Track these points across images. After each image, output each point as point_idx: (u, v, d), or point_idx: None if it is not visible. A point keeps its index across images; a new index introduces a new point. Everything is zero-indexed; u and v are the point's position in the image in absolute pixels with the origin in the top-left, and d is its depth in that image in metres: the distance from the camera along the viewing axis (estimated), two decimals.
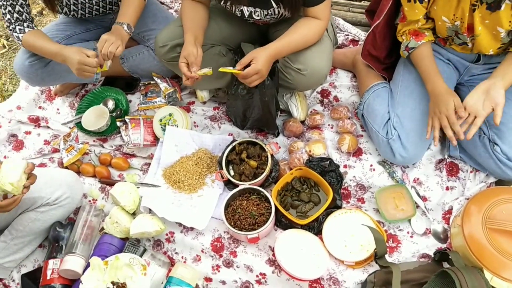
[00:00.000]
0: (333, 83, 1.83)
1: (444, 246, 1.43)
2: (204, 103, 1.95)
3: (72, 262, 1.54)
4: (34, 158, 1.94)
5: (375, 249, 1.36)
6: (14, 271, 1.66)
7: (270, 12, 1.54)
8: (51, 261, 1.58)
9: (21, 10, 1.69)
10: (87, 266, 1.53)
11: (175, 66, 1.70)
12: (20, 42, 1.71)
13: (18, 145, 2.01)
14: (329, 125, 1.76)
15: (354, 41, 1.96)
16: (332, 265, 1.45)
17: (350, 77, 1.84)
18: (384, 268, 1.34)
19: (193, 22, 1.56)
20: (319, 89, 1.83)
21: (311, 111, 1.79)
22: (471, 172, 1.54)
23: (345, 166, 1.64)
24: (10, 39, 2.99)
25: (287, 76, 1.57)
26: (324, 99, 1.82)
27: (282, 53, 1.50)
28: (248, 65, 1.44)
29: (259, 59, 1.43)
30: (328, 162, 1.58)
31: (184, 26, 1.58)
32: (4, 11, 1.68)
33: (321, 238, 1.48)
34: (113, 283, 1.47)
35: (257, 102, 1.63)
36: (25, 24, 1.71)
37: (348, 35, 1.98)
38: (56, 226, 1.65)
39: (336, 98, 1.81)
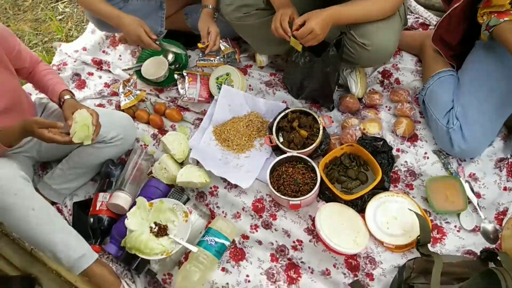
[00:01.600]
0: (396, 65, 1.79)
1: (492, 246, 1.39)
2: (261, 67, 1.95)
3: (120, 198, 1.61)
4: (94, 99, 2.02)
5: (419, 236, 1.35)
6: (67, 198, 1.76)
7: None
8: (101, 194, 1.67)
9: None
10: (133, 204, 1.61)
11: (239, 26, 1.72)
12: None
13: (81, 84, 2.09)
14: (386, 106, 1.73)
15: (424, 25, 1.89)
16: (371, 245, 1.45)
17: (415, 61, 1.79)
18: (425, 257, 1.32)
19: None
20: (380, 69, 1.80)
21: (370, 90, 1.76)
22: None
23: (397, 150, 1.61)
24: None
25: (350, 50, 1.55)
26: (385, 80, 1.78)
27: (341, 19, 1.47)
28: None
29: (313, 19, 1.41)
30: (381, 142, 1.56)
31: None
32: None
33: (363, 217, 1.48)
34: (155, 223, 1.54)
35: (317, 72, 1.62)
36: None
37: (418, 18, 1.92)
38: (108, 163, 1.73)
39: (397, 81, 1.77)
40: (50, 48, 2.82)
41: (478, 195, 1.48)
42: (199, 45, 1.77)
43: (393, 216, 1.45)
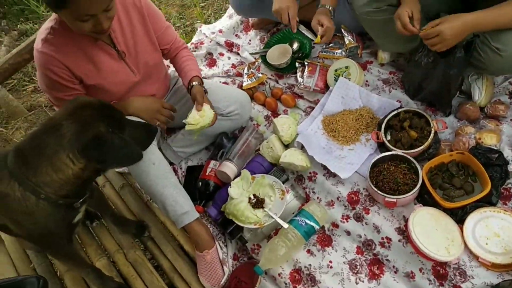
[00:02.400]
0: None
1: None
2: (382, 65, 1.95)
3: (227, 167, 1.78)
4: (221, 77, 2.24)
5: None
6: (183, 161, 2.00)
7: None
8: (212, 162, 1.86)
9: None
10: (238, 175, 1.76)
11: (367, 21, 1.74)
12: None
13: (211, 63, 2.33)
14: (511, 120, 1.60)
15: None
16: (464, 257, 1.38)
17: None
18: None
19: None
20: None
21: (495, 100, 1.64)
22: None
23: None
24: None
25: (481, 54, 1.46)
26: None
27: (484, 26, 1.38)
28: None
29: (447, 23, 1.37)
30: (497, 155, 1.46)
31: None
32: None
33: (461, 228, 1.41)
34: (254, 195, 1.67)
35: (439, 73, 1.57)
36: None
37: None
38: (222, 136, 1.92)
39: None
40: (189, 31, 3.16)
41: None
42: (316, 39, 1.85)
43: (495, 233, 1.36)
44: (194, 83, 1.74)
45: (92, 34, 1.43)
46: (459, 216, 1.44)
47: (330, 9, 1.85)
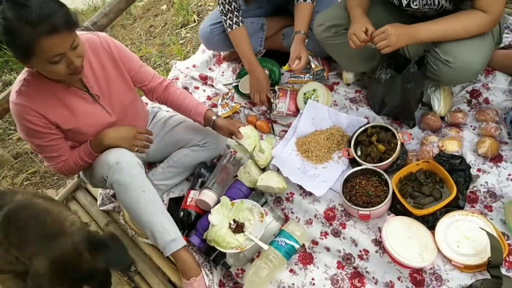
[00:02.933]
0: (487, 84, 1.72)
1: None
2: (348, 85, 2.03)
3: (207, 195, 1.82)
4: None
5: (490, 257, 1.29)
6: (165, 193, 2.04)
7: (429, 2, 1.52)
8: (192, 192, 1.90)
9: (235, 6, 2.01)
10: (218, 202, 1.80)
11: (328, 45, 1.84)
12: (228, 31, 2.04)
13: None
14: (471, 126, 1.67)
15: None
16: (439, 262, 1.42)
17: (509, 81, 1.70)
18: (495, 279, 1.26)
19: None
20: (469, 88, 1.75)
21: (455, 109, 1.73)
22: None
23: (478, 170, 1.55)
24: (200, 15, 3.53)
25: (433, 67, 1.55)
26: (473, 100, 1.73)
27: (421, 36, 1.50)
28: None
29: (392, 26, 1.49)
30: (459, 160, 1.53)
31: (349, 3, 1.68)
32: (218, 2, 2.01)
33: (433, 234, 1.46)
34: (234, 220, 1.71)
35: (398, 89, 1.65)
36: (234, 20, 2.00)
37: None
38: (201, 166, 1.97)
39: (486, 101, 1.70)
40: (170, 68, 3.26)
41: None
42: (285, 67, 1.95)
43: (465, 236, 1.41)
44: (214, 118, 1.81)
45: (68, 77, 1.48)
46: (430, 222, 1.49)
47: (303, 34, 1.94)
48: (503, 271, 1.34)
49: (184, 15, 3.60)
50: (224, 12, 1.99)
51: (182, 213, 1.86)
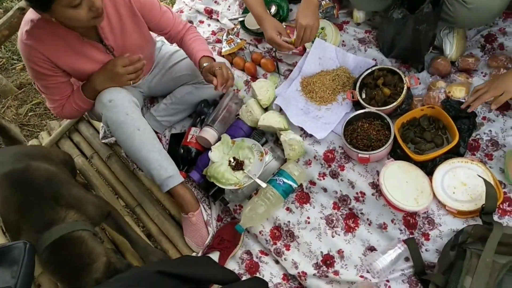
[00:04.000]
0: (504, 29, 1.63)
1: None
2: (358, 24, 1.95)
3: (208, 133, 1.82)
4: None
5: (484, 203, 1.30)
6: (167, 129, 2.04)
7: None
8: (193, 128, 1.90)
9: None
10: (218, 140, 1.81)
11: None
12: None
13: None
14: (482, 72, 1.61)
15: None
16: (433, 206, 1.44)
17: None
18: (487, 224, 1.28)
19: None
20: (485, 32, 1.66)
21: (467, 54, 1.66)
22: None
23: (483, 118, 1.52)
24: None
25: (449, 7, 1.47)
26: (487, 45, 1.65)
27: None
28: None
29: (300, 16, 1.59)
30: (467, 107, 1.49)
31: None
32: None
33: (431, 179, 1.46)
34: (234, 158, 1.72)
35: (409, 29, 1.58)
36: None
37: None
38: (203, 103, 1.95)
39: (501, 46, 1.63)
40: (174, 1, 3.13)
41: None
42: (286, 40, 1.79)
43: (462, 182, 1.41)
44: (205, 64, 1.73)
45: (90, 22, 1.42)
46: (429, 168, 1.49)
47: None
48: (496, 218, 1.35)
49: None
50: None
51: (182, 149, 1.87)
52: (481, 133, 1.50)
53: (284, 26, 1.99)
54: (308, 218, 1.62)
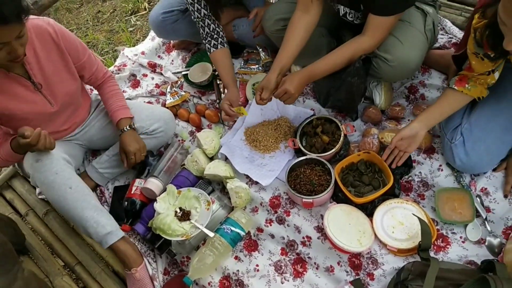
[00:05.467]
0: (424, 81, 1.83)
1: (495, 259, 1.39)
2: None
3: (152, 183, 1.80)
4: (145, 97, 2.27)
5: (420, 241, 1.39)
6: (110, 182, 1.99)
7: (361, 16, 1.63)
8: (137, 180, 1.87)
9: (214, 28, 1.96)
10: (164, 191, 1.79)
11: (276, 38, 1.87)
12: (208, 53, 1.99)
13: (135, 84, 2.36)
14: (408, 119, 1.78)
15: (456, 45, 1.92)
16: (375, 247, 1.50)
17: (443, 79, 1.82)
18: (424, 260, 1.36)
19: (293, 41, 1.67)
20: (408, 84, 1.85)
21: (394, 103, 1.82)
22: None
23: (413, 161, 1.65)
24: (151, 3, 3.45)
25: (374, 65, 1.63)
26: (411, 95, 1.84)
27: (318, 75, 1.62)
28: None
29: (288, 81, 1.60)
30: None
31: (283, 46, 1.68)
32: (198, 26, 1.97)
33: (371, 221, 1.54)
34: (180, 209, 1.70)
35: (342, 83, 1.71)
36: (212, 43, 1.95)
37: (452, 38, 1.95)
38: (148, 154, 1.94)
39: (422, 96, 1.81)
40: (118, 55, 3.16)
41: (487, 210, 1.49)
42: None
43: (399, 222, 1.50)
44: (126, 129, 1.79)
45: (6, 63, 1.41)
46: (369, 210, 1.57)
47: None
48: (432, 254, 1.44)
49: (134, 1, 3.50)
50: (204, 36, 1.96)
51: (126, 202, 1.82)
52: (412, 175, 1.63)
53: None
54: (257, 265, 1.62)
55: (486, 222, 1.46)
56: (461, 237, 1.47)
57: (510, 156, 1.52)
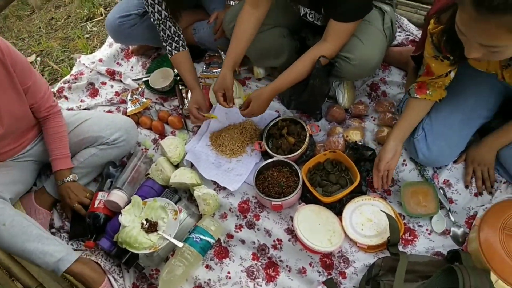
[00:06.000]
0: (384, 78, 1.87)
1: (460, 248, 1.43)
2: (259, 79, 2.07)
3: (117, 196, 1.73)
4: (104, 106, 2.19)
5: (389, 236, 1.40)
6: None
7: (322, 18, 1.63)
8: (100, 193, 1.79)
9: (175, 31, 1.91)
10: (129, 202, 1.72)
11: None
12: (169, 56, 1.94)
13: (94, 93, 2.28)
14: (371, 117, 1.80)
15: (414, 42, 1.96)
16: (345, 245, 1.51)
17: (402, 76, 1.86)
18: (394, 255, 1.37)
19: (243, 36, 1.68)
20: (369, 82, 1.88)
21: (357, 101, 1.84)
22: (504, 183, 1.51)
23: None
24: (107, 8, 3.35)
25: (336, 64, 1.64)
26: (373, 93, 1.86)
27: (283, 89, 1.66)
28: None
29: (254, 102, 1.65)
30: (371, 152, 1.62)
31: (233, 41, 1.69)
32: (158, 28, 1.90)
33: (341, 219, 1.54)
34: (146, 220, 1.65)
35: (304, 85, 1.70)
36: (173, 45, 1.91)
37: (409, 35, 1.99)
38: (110, 165, 1.87)
39: (384, 93, 1.84)
40: (74, 63, 3.05)
41: (450, 201, 1.52)
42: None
43: (368, 218, 1.51)
44: (67, 179, 1.75)
45: None
46: (337, 209, 1.57)
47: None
48: (400, 248, 1.46)
49: (89, 7, 3.39)
50: (165, 38, 1.91)
51: (89, 217, 1.74)
52: None
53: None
54: (229, 273, 1.59)
55: (449, 213, 1.50)
56: (427, 230, 1.50)
57: (468, 148, 1.56)
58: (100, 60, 2.38)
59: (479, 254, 1.27)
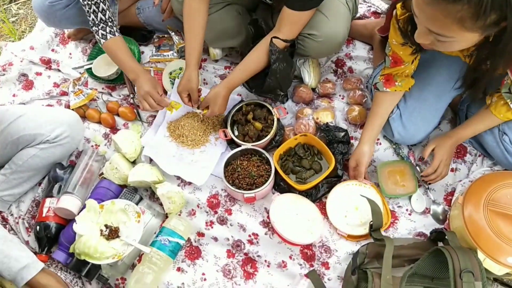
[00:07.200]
0: (349, 53, 1.79)
1: (441, 227, 1.41)
2: (216, 61, 1.92)
3: (68, 202, 1.55)
4: (42, 99, 1.94)
5: (371, 221, 1.35)
6: (13, 205, 1.68)
7: None
8: (48, 200, 1.60)
9: (110, 16, 1.67)
10: (83, 208, 1.54)
11: None
12: (104, 41, 1.68)
13: (28, 85, 2.01)
14: (340, 95, 1.72)
15: (376, 13, 1.90)
16: (326, 233, 1.44)
17: (368, 50, 1.79)
18: (378, 241, 1.32)
19: (197, 27, 1.56)
20: (334, 58, 1.79)
21: (324, 79, 1.75)
22: (479, 156, 1.50)
23: (351, 138, 1.60)
24: None
25: (300, 42, 1.54)
26: (338, 69, 1.78)
27: (238, 84, 1.59)
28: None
29: (212, 104, 1.56)
30: (343, 133, 1.55)
31: (188, 36, 1.56)
32: (88, 10, 1.64)
33: (318, 206, 1.47)
34: (106, 226, 1.48)
35: (265, 75, 1.58)
36: (108, 30, 1.67)
37: (370, 6, 1.92)
38: (56, 167, 1.66)
39: (350, 69, 1.77)
40: (0, 51, 2.71)
41: None
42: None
43: (355, 206, 1.45)
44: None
45: None
46: (314, 196, 1.50)
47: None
48: (383, 232, 1.41)
49: None
50: (97, 22, 1.66)
51: (38, 227, 1.55)
52: (351, 152, 1.57)
53: None
54: (204, 274, 1.48)
55: (428, 191, 1.47)
56: (407, 210, 1.47)
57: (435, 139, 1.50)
58: (32, 48, 2.10)
59: (464, 233, 1.24)
